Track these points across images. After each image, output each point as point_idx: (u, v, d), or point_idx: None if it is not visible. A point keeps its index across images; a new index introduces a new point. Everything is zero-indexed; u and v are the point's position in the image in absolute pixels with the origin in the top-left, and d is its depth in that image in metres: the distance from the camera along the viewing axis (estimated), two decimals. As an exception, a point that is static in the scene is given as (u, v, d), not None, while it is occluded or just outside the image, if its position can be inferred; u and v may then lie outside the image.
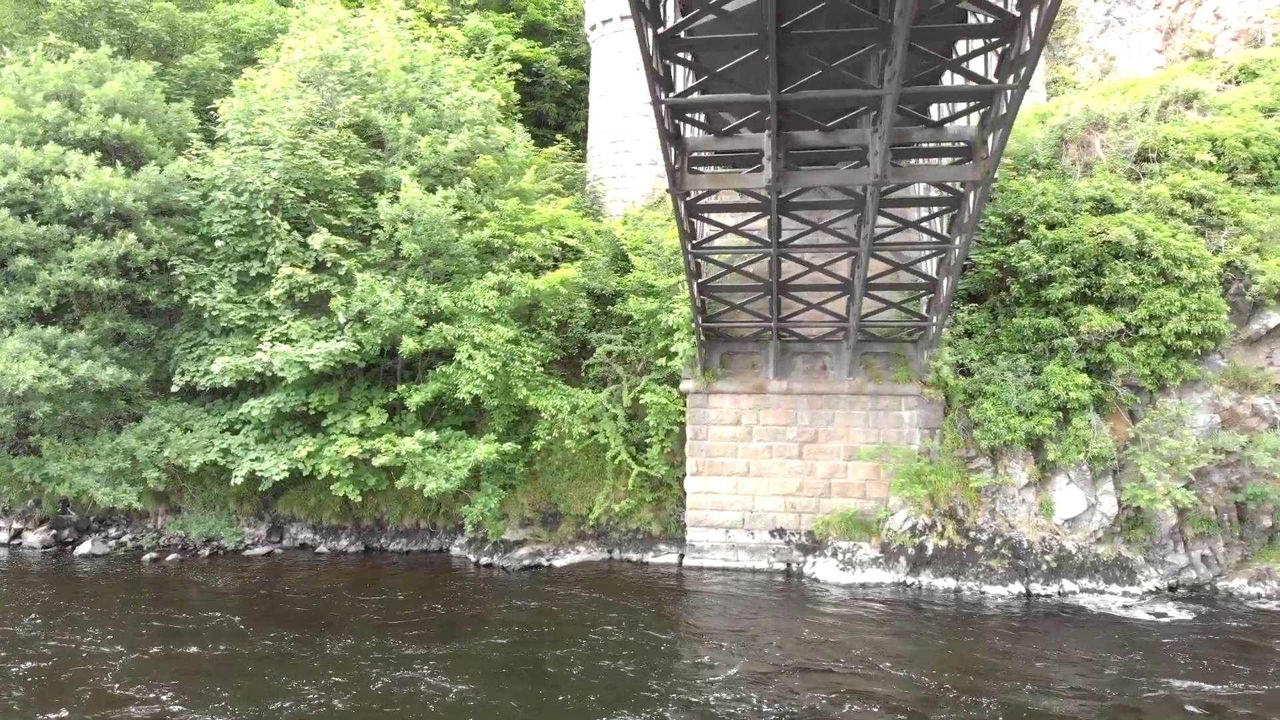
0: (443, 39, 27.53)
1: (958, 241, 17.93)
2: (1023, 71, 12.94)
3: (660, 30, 13.46)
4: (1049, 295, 19.94)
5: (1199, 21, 34.93)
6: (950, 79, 16.29)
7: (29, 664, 15.61)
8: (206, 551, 24.03)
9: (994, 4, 12.69)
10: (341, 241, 21.89)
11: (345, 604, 19.34)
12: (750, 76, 14.19)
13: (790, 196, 17.81)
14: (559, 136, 28.70)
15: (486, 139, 23.36)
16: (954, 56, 14.81)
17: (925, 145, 15.85)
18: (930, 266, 19.86)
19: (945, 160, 16.49)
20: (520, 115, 28.87)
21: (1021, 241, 20.41)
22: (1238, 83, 22.28)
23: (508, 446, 21.53)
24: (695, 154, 16.39)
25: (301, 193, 21.94)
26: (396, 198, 21.36)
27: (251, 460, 21.85)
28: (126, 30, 27.40)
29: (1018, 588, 19.75)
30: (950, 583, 20.12)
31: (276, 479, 21.72)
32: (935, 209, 17.95)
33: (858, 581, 20.66)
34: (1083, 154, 21.42)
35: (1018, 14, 12.76)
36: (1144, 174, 20.57)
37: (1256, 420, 19.38)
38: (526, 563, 22.08)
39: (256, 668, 15.47)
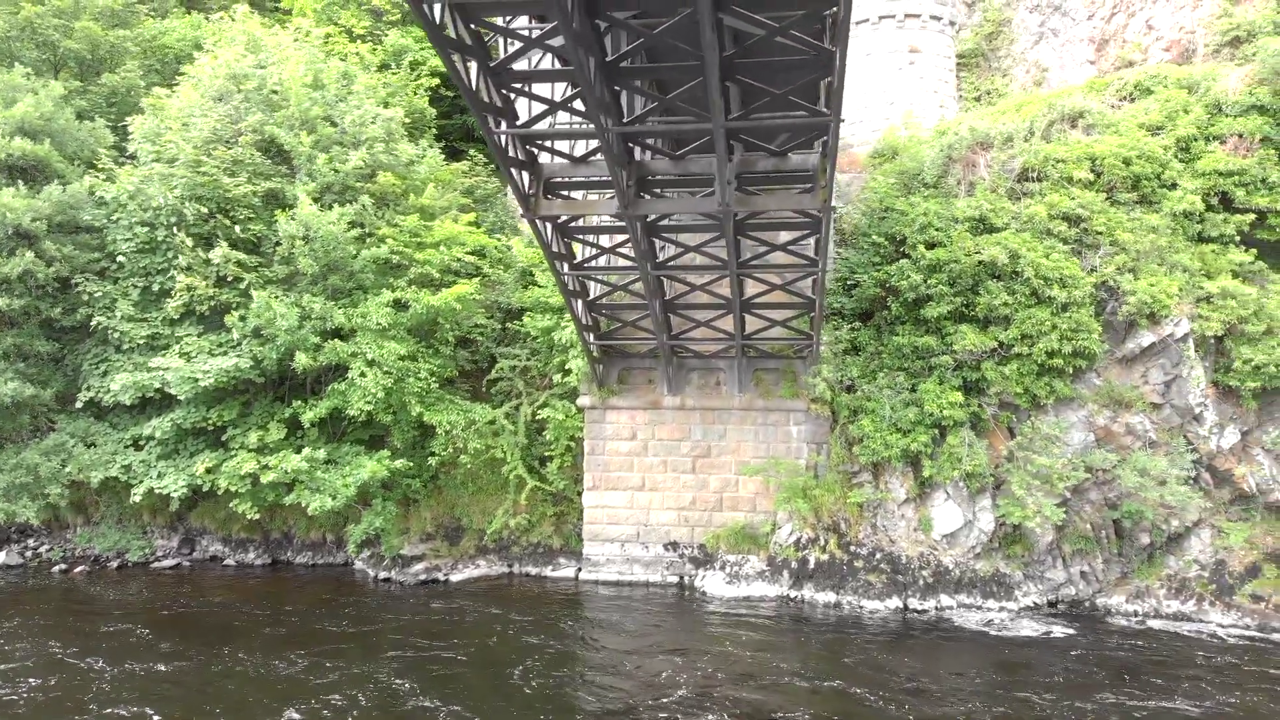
0: (359, 55, 27.78)
1: (821, 265, 18.26)
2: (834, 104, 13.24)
3: (492, 64, 13.76)
4: (927, 314, 20.22)
5: (1131, 33, 35.23)
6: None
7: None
8: (116, 564, 24.34)
9: (806, 38, 12.95)
10: (242, 256, 22.17)
11: (236, 620, 19.53)
12: (590, 108, 14.46)
13: (658, 220, 18.16)
14: (471, 151, 28.94)
15: (389, 155, 23.62)
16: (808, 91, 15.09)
17: (774, 174, 16.09)
18: (810, 286, 20.18)
19: (796, 189, 16.78)
20: (435, 130, 29.11)
21: (902, 261, 20.69)
22: (1132, 100, 22.51)
23: (399, 463, 21.80)
24: (556, 179, 16.63)
25: (204, 209, 22.20)
26: (294, 215, 21.64)
27: (153, 477, 22.13)
28: (49, 50, 27.71)
29: (895, 602, 20.05)
30: (831, 596, 20.43)
31: (176, 495, 21.97)
32: (802, 231, 18.21)
33: (742, 595, 20.98)
34: (968, 173, 21.70)
35: (833, 49, 13.05)
36: (1024, 193, 20.84)
37: (1130, 438, 19.64)
38: (423, 577, 22.36)
39: (132, 687, 15.69)
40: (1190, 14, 33.71)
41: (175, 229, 22.32)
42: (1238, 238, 20.24)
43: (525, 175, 16.16)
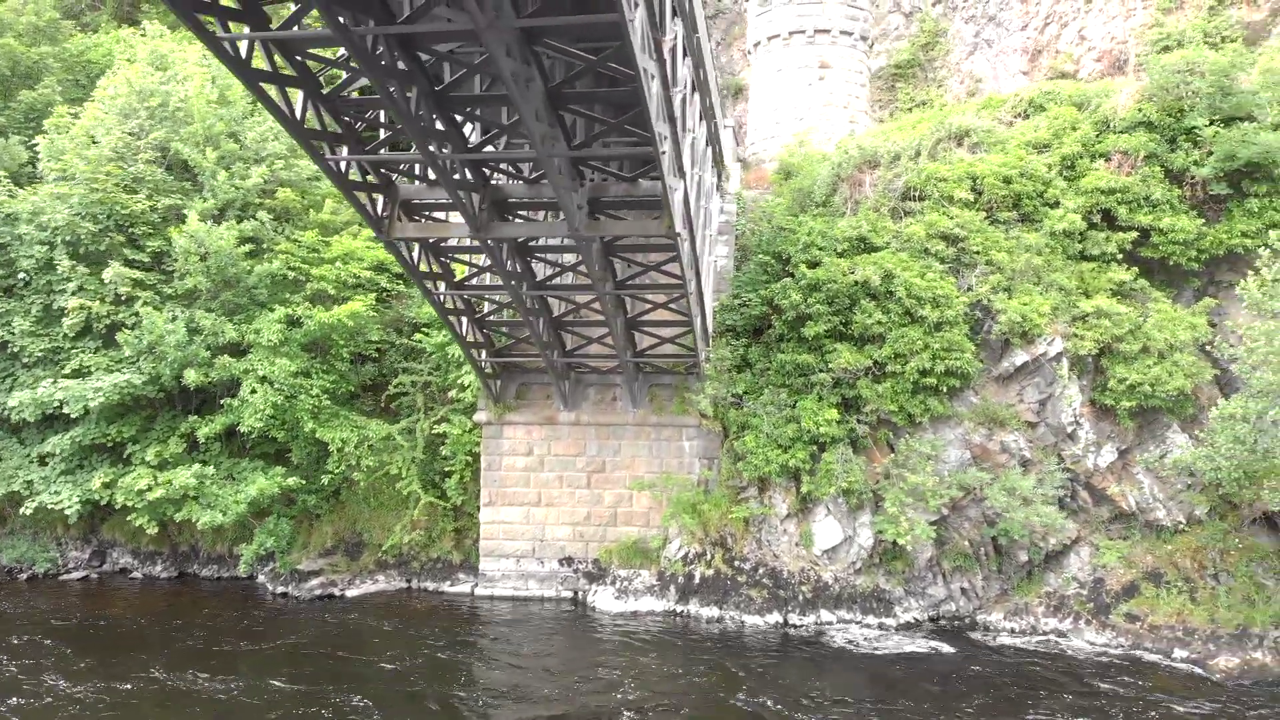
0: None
1: (692, 286, 18.39)
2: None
3: (325, 91, 13.91)
4: (807, 332, 20.32)
5: (1064, 43, 35.31)
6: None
7: None
8: (25, 576, 24.54)
9: (619, 67, 13.05)
10: (138, 275, 22.35)
11: (129, 633, 19.65)
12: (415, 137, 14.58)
13: (529, 241, 18.29)
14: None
15: (289, 171, 23.79)
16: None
17: (627, 199, 16.18)
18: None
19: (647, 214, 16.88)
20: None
21: (785, 279, 20.80)
22: (1026, 117, 22.60)
23: (292, 480, 21.96)
24: (414, 200, 16.76)
25: (97, 227, 22.38)
26: (184, 231, 21.82)
27: (49, 493, 22.31)
28: (-33, 68, 27.99)
29: (775, 617, 20.16)
30: (714, 611, 20.54)
31: (70, 511, 22.14)
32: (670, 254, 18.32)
33: (630, 609, 21.10)
34: (854, 192, 21.80)
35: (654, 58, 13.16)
36: (907, 212, 20.93)
37: (1006, 457, 19.74)
38: (319, 592, 22.49)
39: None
40: (1122, 24, 33.84)
41: (65, 250, 22.46)
42: (1120, 255, 20.31)
43: (380, 198, 16.32)
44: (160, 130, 23.57)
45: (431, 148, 14.30)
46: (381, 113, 15.30)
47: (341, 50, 14.83)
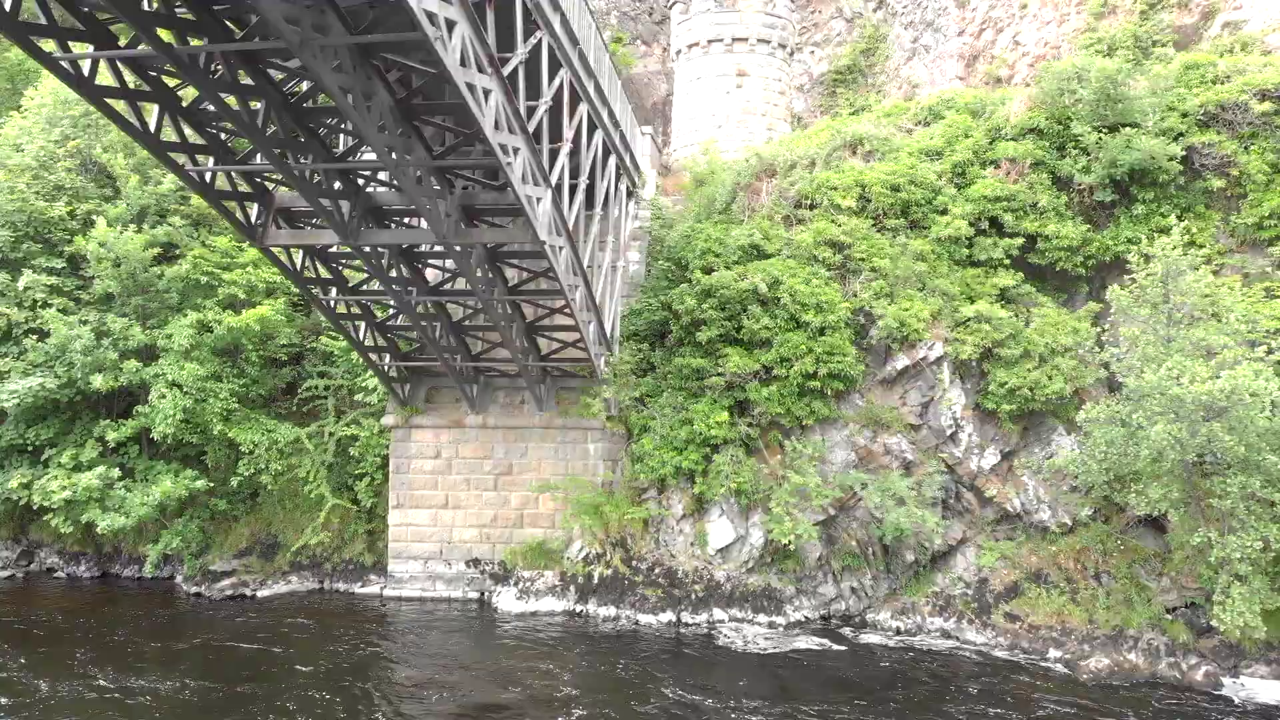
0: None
1: (578, 292, 18.78)
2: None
3: (185, 105, 14.32)
4: (701, 337, 20.69)
5: (999, 48, 35.66)
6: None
7: None
8: (-51, 575, 25.00)
9: (463, 93, 13.41)
10: (52, 280, 22.78)
11: (42, 632, 20.01)
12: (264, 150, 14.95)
13: (414, 247, 18.67)
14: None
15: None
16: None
17: (497, 207, 16.56)
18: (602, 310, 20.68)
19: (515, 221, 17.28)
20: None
21: (682, 285, 21.18)
22: (927, 124, 22.97)
23: (200, 482, 22.37)
24: (293, 207, 17.15)
25: (14, 235, 22.82)
26: (92, 236, 22.25)
27: (-36, 493, 22.76)
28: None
29: (669, 616, 20.50)
30: (612, 610, 20.89)
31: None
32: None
33: (530, 610, 21.44)
34: (752, 200, 22.17)
35: (489, 87, 13.55)
36: (799, 220, 21.30)
37: (889, 458, 20.10)
38: (229, 593, 22.86)
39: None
40: (1055, 29, 34.19)
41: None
42: (1008, 261, 20.66)
43: (256, 206, 16.74)
44: (81, 138, 24.00)
45: (288, 158, 14.76)
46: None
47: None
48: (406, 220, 18.03)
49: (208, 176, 15.43)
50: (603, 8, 40.60)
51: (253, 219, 16.55)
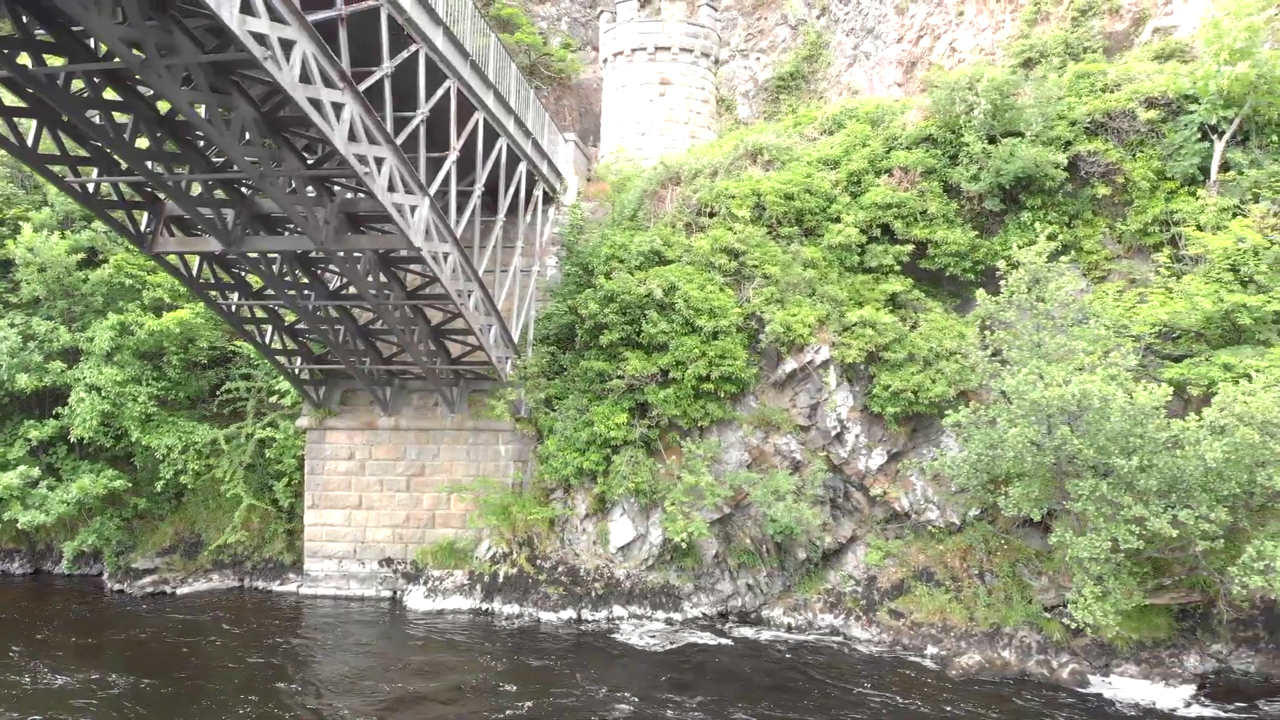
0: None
1: (469, 298, 19.27)
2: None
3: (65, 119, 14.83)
4: (603, 340, 21.19)
5: (936, 55, 36.11)
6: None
7: None
8: (-118, 575, 25.54)
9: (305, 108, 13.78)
10: (-19, 285, 23.38)
11: None
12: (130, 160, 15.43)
13: (307, 253, 19.16)
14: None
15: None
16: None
17: (377, 214, 17.02)
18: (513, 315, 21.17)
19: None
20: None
21: (587, 290, 21.67)
22: (830, 134, 23.44)
23: (118, 482, 22.89)
24: (185, 215, 17.63)
25: (-60, 240, 23.42)
26: (17, 240, 22.80)
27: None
28: None
29: (569, 613, 20.99)
30: (515, 608, 21.39)
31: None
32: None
33: (438, 608, 21.96)
34: (657, 207, 22.67)
35: (342, 100, 14.04)
36: (700, 227, 21.79)
37: (779, 459, 20.59)
38: (150, 590, 23.39)
39: None
40: (991, 36, 34.66)
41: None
42: (898, 267, 21.14)
43: (146, 214, 17.25)
44: (10, 146, 24.48)
45: (165, 169, 15.27)
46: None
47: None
48: (300, 228, 18.48)
49: (92, 187, 15.91)
50: (554, 14, 41.14)
51: (143, 227, 17.03)
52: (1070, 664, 17.67)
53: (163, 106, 14.96)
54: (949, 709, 16.07)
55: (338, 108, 13.76)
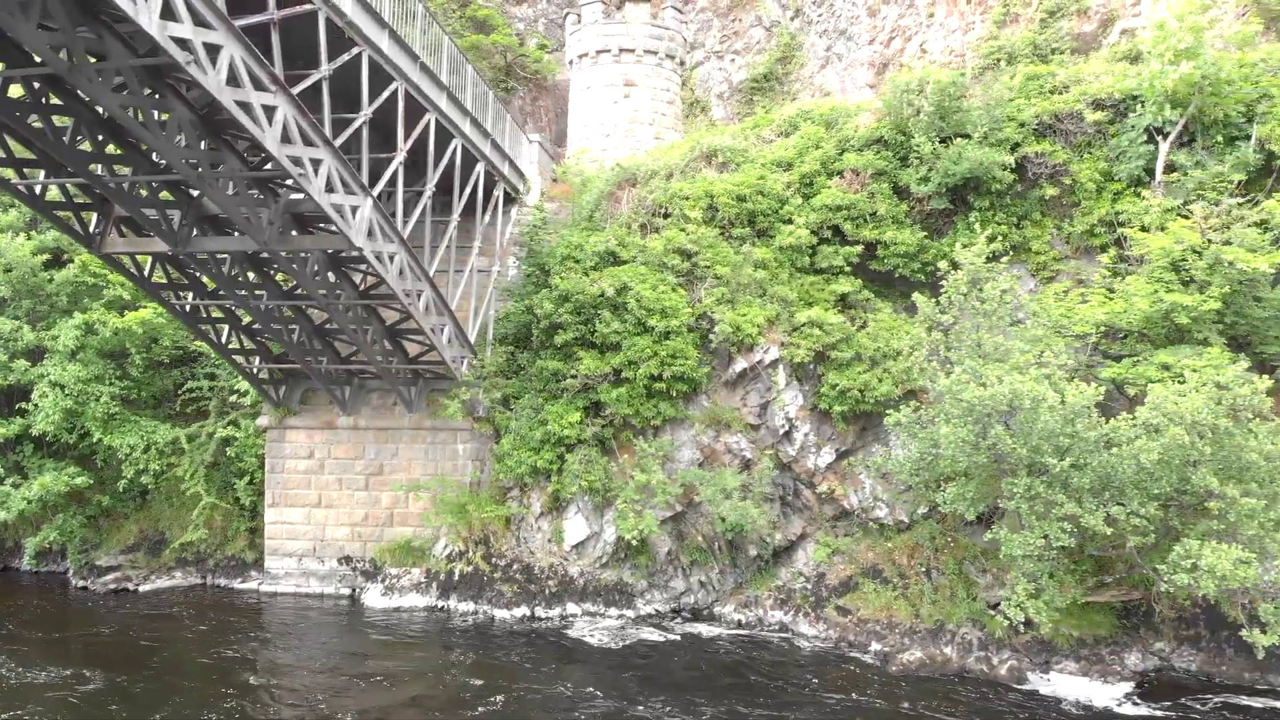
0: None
1: (419, 299, 19.47)
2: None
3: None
4: (558, 340, 21.38)
5: (907, 56, 36.31)
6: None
7: None
8: None
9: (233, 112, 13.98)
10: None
11: None
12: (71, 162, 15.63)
13: (259, 253, 19.34)
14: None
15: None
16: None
17: (320, 214, 17.20)
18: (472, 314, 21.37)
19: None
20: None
21: (543, 290, 21.87)
22: (786, 135, 23.61)
23: (80, 479, 23.10)
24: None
25: (-94, 241, 23.63)
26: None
27: None
28: None
29: (523, 610, 21.19)
30: (470, 605, 21.59)
31: None
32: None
33: (394, 605, 22.14)
34: (613, 208, 22.86)
35: (275, 104, 14.23)
36: (655, 228, 21.97)
37: (730, 457, 20.78)
38: (113, 586, 23.60)
39: None
40: (961, 37, 34.85)
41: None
42: (848, 268, 21.32)
43: (95, 215, 17.46)
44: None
45: (100, 171, 15.47)
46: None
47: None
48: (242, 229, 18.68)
49: (40, 189, 16.10)
50: (531, 15, 41.32)
51: (92, 228, 17.23)
52: (1010, 661, 17.85)
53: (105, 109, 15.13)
54: (881, 703, 16.29)
55: (269, 110, 13.95)
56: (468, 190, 21.77)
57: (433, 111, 19.58)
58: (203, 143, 14.99)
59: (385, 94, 17.43)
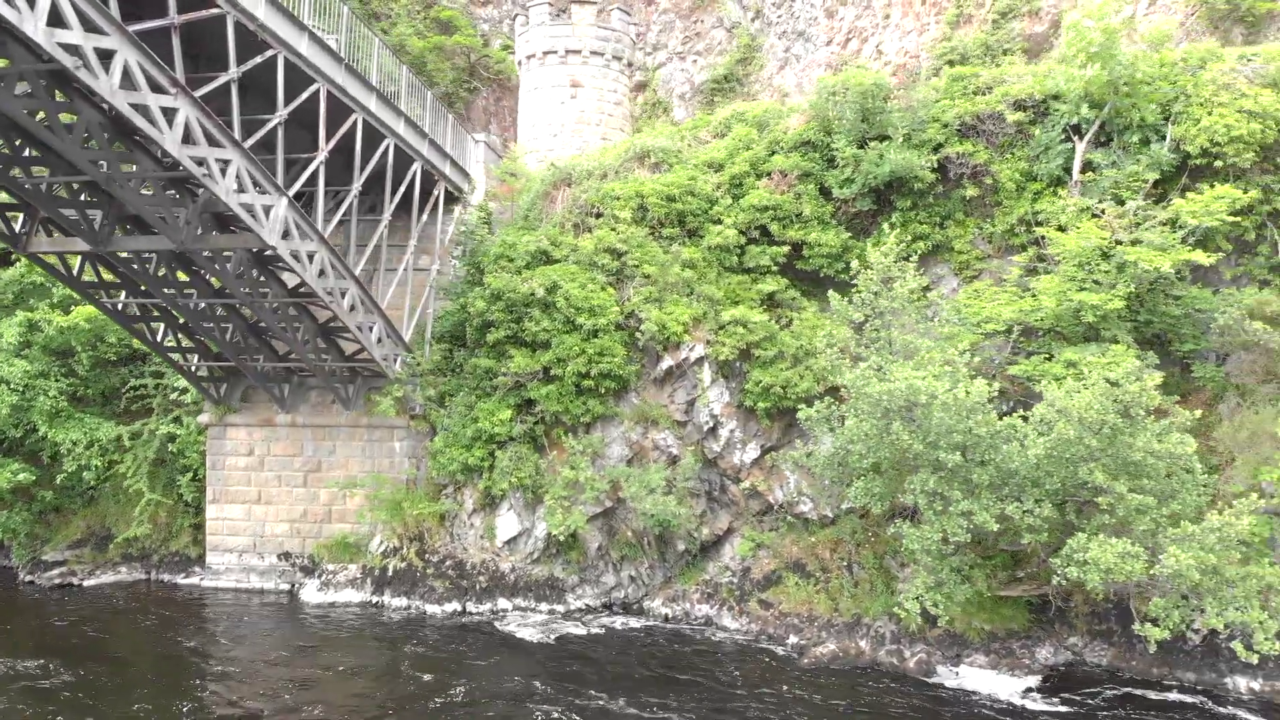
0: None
1: (345, 298, 19.77)
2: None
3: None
4: (490, 338, 21.67)
5: (864, 57, 36.58)
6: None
7: None
8: None
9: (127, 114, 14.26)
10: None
11: None
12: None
13: (186, 252, 19.62)
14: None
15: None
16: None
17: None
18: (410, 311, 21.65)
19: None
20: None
21: (477, 288, 22.15)
22: (721, 136, 23.88)
23: (23, 476, 23.42)
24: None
25: None
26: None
27: None
28: None
29: (454, 605, 21.49)
30: (404, 600, 21.89)
31: None
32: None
33: (330, 600, 22.46)
34: (549, 208, 23.15)
35: (173, 93, 14.53)
36: (588, 228, 22.25)
37: (657, 453, 21.07)
38: (57, 581, 23.94)
39: None
40: (916, 39, 35.16)
41: None
42: (775, 268, 21.60)
43: (21, 215, 17.76)
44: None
45: (18, 174, 15.77)
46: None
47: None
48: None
49: (-49, 190, 16.42)
50: (495, 16, 41.58)
51: (18, 228, 17.53)
52: (920, 654, 18.13)
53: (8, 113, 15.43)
54: (787, 693, 16.59)
55: (170, 113, 14.24)
56: (400, 189, 22.06)
57: (360, 112, 19.86)
58: (114, 145, 15.28)
59: (304, 95, 17.71)
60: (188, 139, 14.69)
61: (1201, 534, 14.29)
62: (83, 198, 17.14)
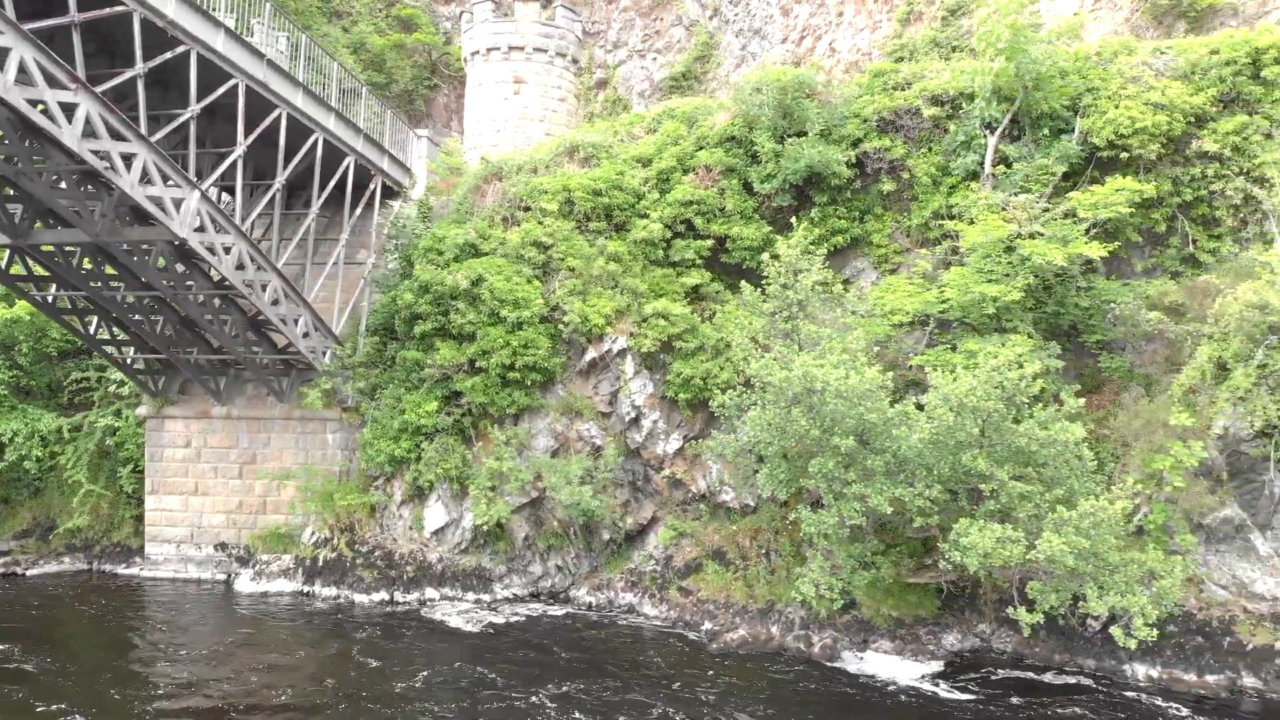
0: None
1: (267, 291, 20.08)
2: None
3: None
4: (418, 330, 21.98)
5: (818, 55, 36.88)
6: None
7: None
8: None
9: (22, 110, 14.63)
10: None
11: None
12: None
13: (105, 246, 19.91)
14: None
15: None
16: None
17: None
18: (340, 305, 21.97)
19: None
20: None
21: (404, 281, 22.47)
22: (654, 131, 24.19)
23: (-39, 465, 23.81)
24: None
25: None
26: None
27: None
28: None
29: (382, 595, 21.81)
30: (333, 590, 22.21)
31: None
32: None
33: (262, 590, 22.76)
34: (480, 202, 23.47)
35: (72, 88, 14.85)
36: (517, 221, 22.58)
37: (582, 444, 21.40)
38: (1, 571, 24.29)
39: None
40: (869, 36, 35.41)
41: None
42: (700, 261, 21.92)
43: (-61, 211, 18.08)
44: None
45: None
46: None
47: None
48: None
49: None
50: (456, 14, 41.84)
51: (-69, 222, 17.86)
52: (826, 639, 18.43)
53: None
54: (691, 675, 16.85)
55: (69, 108, 14.56)
56: (331, 183, 22.39)
57: (284, 107, 20.19)
58: (24, 141, 15.59)
59: (221, 90, 18.05)
60: (91, 134, 14.99)
61: (1078, 519, 14.59)
62: (4, 191, 17.46)
